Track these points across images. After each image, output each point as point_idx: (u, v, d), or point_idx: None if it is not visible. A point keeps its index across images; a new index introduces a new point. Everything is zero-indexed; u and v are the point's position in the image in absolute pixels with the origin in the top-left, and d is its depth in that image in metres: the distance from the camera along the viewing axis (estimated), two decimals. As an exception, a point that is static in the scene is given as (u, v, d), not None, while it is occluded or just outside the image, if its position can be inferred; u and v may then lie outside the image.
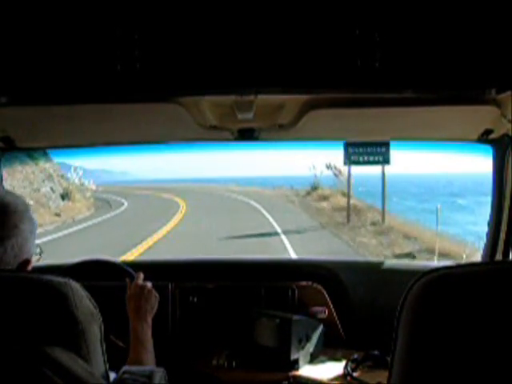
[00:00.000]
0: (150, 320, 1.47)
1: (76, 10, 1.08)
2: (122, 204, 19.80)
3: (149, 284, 1.52)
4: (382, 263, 2.08)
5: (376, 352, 1.73)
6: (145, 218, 14.84)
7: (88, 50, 1.10)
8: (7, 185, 1.79)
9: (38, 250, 1.10)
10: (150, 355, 1.39)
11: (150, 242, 10.66)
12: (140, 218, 15.20)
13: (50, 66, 1.12)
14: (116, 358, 1.36)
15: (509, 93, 1.23)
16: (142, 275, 1.55)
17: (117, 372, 1.00)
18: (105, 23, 1.09)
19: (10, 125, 1.51)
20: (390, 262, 2.14)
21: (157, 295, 1.52)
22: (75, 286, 0.78)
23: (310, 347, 1.78)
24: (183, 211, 16.62)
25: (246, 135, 1.67)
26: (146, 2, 1.10)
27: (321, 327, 1.84)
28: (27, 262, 1.04)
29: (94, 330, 0.78)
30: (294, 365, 1.73)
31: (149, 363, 1.36)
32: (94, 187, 20.71)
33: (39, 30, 1.09)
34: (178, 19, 1.10)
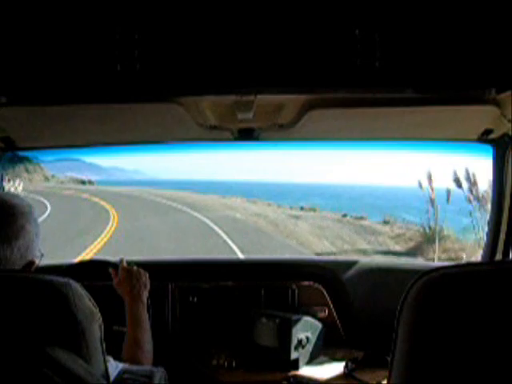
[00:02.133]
0: (145, 298, 1.47)
1: (76, 10, 1.09)
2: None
3: (134, 266, 1.53)
4: (382, 263, 2.08)
5: (376, 352, 1.73)
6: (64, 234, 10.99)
7: (88, 50, 1.10)
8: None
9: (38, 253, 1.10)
10: (146, 334, 1.39)
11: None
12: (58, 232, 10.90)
13: (49, 66, 1.12)
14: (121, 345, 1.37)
15: (509, 93, 1.23)
16: (124, 260, 1.55)
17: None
18: (105, 23, 1.09)
19: (10, 125, 1.51)
20: (390, 262, 2.14)
21: (146, 273, 1.53)
22: (75, 286, 0.78)
23: (310, 347, 1.78)
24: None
25: (246, 135, 1.67)
26: (146, 3, 1.10)
27: (321, 327, 1.84)
28: (32, 263, 1.04)
29: (94, 330, 0.78)
30: (294, 365, 1.73)
31: (145, 342, 1.37)
32: (20, 188, 16.56)
33: (39, 31, 1.09)
34: (177, 19, 1.10)
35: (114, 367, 1.02)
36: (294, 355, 1.73)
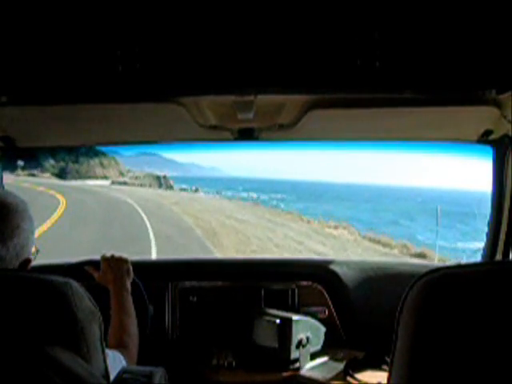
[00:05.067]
0: (128, 285, 1.49)
1: (76, 10, 1.09)
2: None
3: (115, 254, 1.56)
4: (382, 263, 2.08)
5: (376, 352, 1.73)
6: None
7: (88, 49, 1.10)
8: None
9: (34, 250, 1.10)
10: (132, 319, 1.41)
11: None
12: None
13: (50, 66, 1.12)
14: None
15: (509, 93, 1.23)
16: (106, 254, 1.57)
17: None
18: (105, 23, 1.09)
19: (10, 124, 1.51)
20: (391, 262, 2.14)
21: (127, 259, 1.55)
22: (75, 285, 0.78)
23: (310, 347, 1.78)
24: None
25: (246, 135, 1.67)
26: (146, 3, 1.10)
27: (321, 327, 1.84)
28: (28, 261, 1.04)
29: (94, 330, 0.78)
30: (294, 365, 1.73)
31: (131, 326, 1.38)
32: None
33: (40, 31, 1.09)
34: (178, 19, 1.10)
35: (112, 358, 1.03)
36: (294, 355, 1.73)
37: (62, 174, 38.22)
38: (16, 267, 1.01)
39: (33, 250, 1.08)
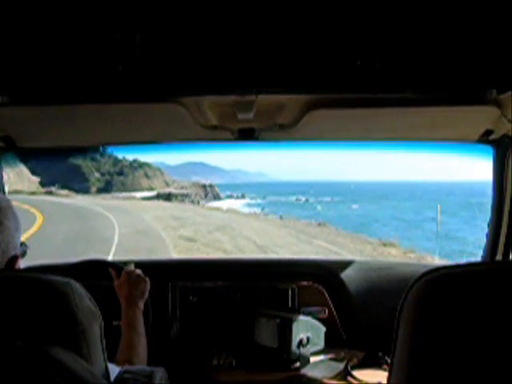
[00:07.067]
0: (141, 305, 1.48)
1: (77, 10, 1.09)
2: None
3: (138, 270, 1.55)
4: (382, 263, 2.08)
5: (376, 352, 1.73)
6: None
7: (89, 49, 1.10)
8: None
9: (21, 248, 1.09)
10: (141, 338, 1.41)
11: None
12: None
13: (50, 66, 1.12)
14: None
15: (509, 93, 1.23)
16: (132, 265, 1.57)
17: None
18: (106, 23, 1.09)
19: (10, 124, 1.51)
20: (391, 262, 2.14)
21: (147, 280, 1.53)
22: (76, 285, 0.78)
23: (311, 347, 1.78)
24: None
25: (247, 135, 1.67)
26: (147, 3, 1.10)
27: (321, 327, 1.84)
28: (15, 258, 1.04)
29: (95, 330, 0.78)
30: (294, 365, 1.73)
31: (140, 346, 1.38)
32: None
33: (40, 30, 1.09)
34: (178, 19, 1.10)
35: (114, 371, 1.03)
36: (294, 355, 1.73)
37: (107, 187, 38.45)
38: (3, 264, 1.01)
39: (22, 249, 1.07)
